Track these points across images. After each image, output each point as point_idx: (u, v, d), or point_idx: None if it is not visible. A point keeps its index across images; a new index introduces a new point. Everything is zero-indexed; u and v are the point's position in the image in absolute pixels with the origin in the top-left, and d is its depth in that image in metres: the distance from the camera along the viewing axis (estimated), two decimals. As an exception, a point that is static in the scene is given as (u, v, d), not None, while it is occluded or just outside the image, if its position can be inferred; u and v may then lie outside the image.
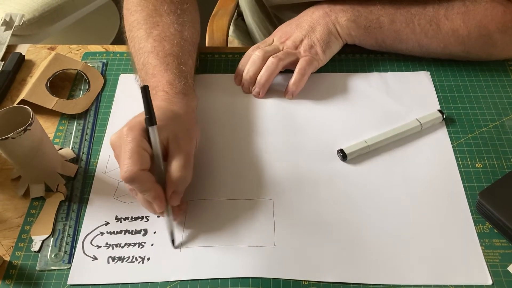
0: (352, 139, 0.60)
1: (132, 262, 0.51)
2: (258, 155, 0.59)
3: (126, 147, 0.48)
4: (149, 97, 0.48)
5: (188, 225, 0.54)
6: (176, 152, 0.50)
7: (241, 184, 0.57)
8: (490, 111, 0.63)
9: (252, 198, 0.56)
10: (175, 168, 0.50)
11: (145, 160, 0.48)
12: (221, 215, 0.54)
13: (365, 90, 0.66)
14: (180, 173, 0.49)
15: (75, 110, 0.65)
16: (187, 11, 0.65)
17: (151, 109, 0.48)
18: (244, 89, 0.67)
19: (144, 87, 0.47)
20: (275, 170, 0.58)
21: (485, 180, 0.57)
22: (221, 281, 0.49)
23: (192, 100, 0.58)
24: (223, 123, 0.63)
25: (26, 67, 0.72)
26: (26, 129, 0.51)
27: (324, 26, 0.66)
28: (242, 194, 0.56)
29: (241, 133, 0.62)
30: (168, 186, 0.50)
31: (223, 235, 0.52)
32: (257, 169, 0.58)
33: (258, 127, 0.63)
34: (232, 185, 0.57)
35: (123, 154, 0.48)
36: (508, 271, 0.50)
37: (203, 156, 0.59)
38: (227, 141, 0.61)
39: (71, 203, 0.56)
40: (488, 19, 0.63)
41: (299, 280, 0.49)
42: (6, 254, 0.53)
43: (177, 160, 0.50)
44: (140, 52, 0.61)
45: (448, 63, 0.69)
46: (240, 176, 0.58)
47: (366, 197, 0.56)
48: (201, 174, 0.58)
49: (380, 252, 0.51)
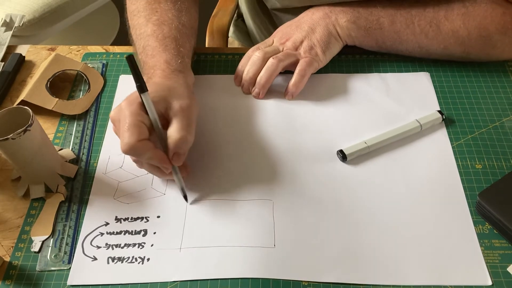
0: (352, 140, 0.60)
1: (132, 262, 0.51)
2: (258, 156, 0.60)
3: (125, 121, 0.50)
4: (135, 65, 0.49)
5: (188, 225, 0.54)
6: (175, 115, 0.52)
7: (241, 185, 0.57)
8: (490, 112, 0.63)
9: (252, 199, 0.56)
10: (174, 129, 0.52)
11: (143, 131, 0.50)
12: (221, 215, 0.54)
13: (365, 91, 0.66)
14: (180, 134, 0.51)
15: (75, 110, 0.65)
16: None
17: (139, 77, 0.49)
18: (244, 90, 0.67)
19: (128, 57, 0.48)
20: (275, 171, 0.58)
21: (484, 181, 0.57)
22: (221, 282, 0.49)
23: (187, 76, 0.60)
24: (223, 124, 0.63)
25: (26, 67, 0.72)
26: (26, 130, 0.51)
27: (324, 27, 0.66)
28: (242, 195, 0.56)
29: (241, 134, 0.62)
30: (169, 148, 0.52)
31: (223, 235, 0.52)
32: (257, 170, 0.58)
33: (257, 128, 0.63)
34: (232, 186, 0.57)
35: (122, 127, 0.50)
36: (507, 271, 0.50)
37: (203, 157, 0.59)
38: (226, 142, 0.61)
39: (71, 204, 0.56)
40: (488, 20, 0.63)
41: (299, 281, 0.49)
42: (6, 254, 0.53)
43: (176, 122, 0.52)
44: (140, 37, 0.63)
45: (448, 64, 0.69)
46: (240, 177, 0.58)
47: (366, 197, 0.56)
48: (200, 174, 0.58)
49: (379, 253, 0.51)
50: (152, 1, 0.66)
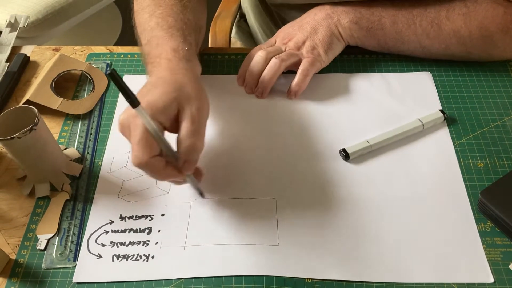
0: (354, 139, 0.60)
1: (136, 260, 0.52)
2: (261, 155, 0.60)
3: (135, 131, 0.47)
4: (119, 79, 0.44)
5: (192, 223, 0.54)
6: (184, 120, 0.49)
7: (244, 184, 0.57)
8: (491, 111, 0.64)
9: (256, 197, 0.56)
10: (184, 136, 0.48)
11: (154, 146, 0.48)
12: (225, 214, 0.55)
13: (367, 90, 0.67)
14: (189, 141, 0.48)
15: (79, 110, 0.66)
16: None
17: (127, 92, 0.44)
18: (247, 90, 0.67)
19: (110, 73, 0.43)
20: (278, 169, 0.59)
21: (486, 179, 0.57)
22: (225, 279, 0.50)
23: (195, 66, 0.57)
24: (226, 123, 0.64)
25: (31, 68, 0.73)
26: (32, 129, 0.52)
27: (326, 27, 0.66)
28: (245, 193, 0.56)
29: (244, 133, 0.63)
30: (179, 157, 0.49)
31: (227, 233, 0.53)
32: (260, 169, 0.59)
33: (260, 128, 0.63)
34: (236, 184, 0.57)
35: (133, 138, 0.47)
36: (509, 269, 0.50)
37: (206, 156, 0.60)
38: (230, 141, 0.62)
39: (76, 202, 0.57)
40: (489, 20, 0.63)
41: (302, 278, 0.50)
42: (12, 252, 0.53)
43: (185, 128, 0.49)
44: (144, 32, 0.61)
45: (450, 64, 0.69)
46: (244, 175, 0.58)
47: (368, 196, 0.56)
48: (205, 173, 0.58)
49: (382, 250, 0.52)
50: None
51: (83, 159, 0.61)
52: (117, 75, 0.43)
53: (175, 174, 0.50)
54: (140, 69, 0.71)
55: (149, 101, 0.48)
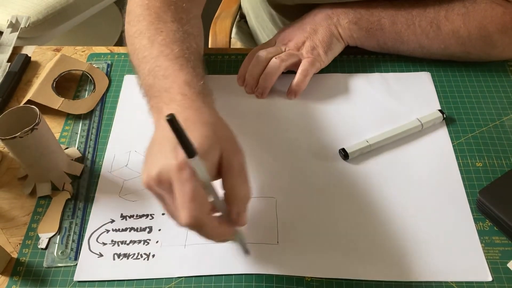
0: (354, 139, 0.61)
1: (137, 259, 0.52)
2: (261, 155, 0.60)
3: (184, 186, 0.40)
4: (179, 127, 0.38)
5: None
6: (229, 170, 0.43)
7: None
8: (490, 111, 0.64)
9: (256, 196, 0.56)
10: (237, 186, 0.43)
11: (207, 202, 0.42)
12: (225, 213, 0.55)
13: (367, 90, 0.67)
14: (243, 190, 0.44)
15: (80, 110, 0.66)
16: (191, 21, 0.61)
17: (184, 140, 0.39)
18: (247, 90, 0.67)
19: (170, 119, 0.37)
20: (277, 169, 0.59)
21: (485, 178, 0.57)
22: (225, 277, 0.50)
23: (213, 102, 0.50)
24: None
25: (32, 68, 0.73)
26: (33, 129, 0.52)
27: (326, 28, 0.67)
28: (245, 192, 0.57)
29: (244, 133, 0.62)
30: (231, 210, 0.44)
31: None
32: (260, 168, 0.59)
33: (260, 127, 0.63)
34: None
35: (181, 195, 0.40)
36: (508, 267, 0.50)
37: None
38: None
39: (77, 202, 0.57)
40: (488, 20, 0.64)
41: (302, 277, 0.50)
42: (13, 251, 0.53)
43: (236, 176, 0.43)
44: (144, 61, 0.53)
45: (449, 64, 0.70)
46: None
47: (367, 195, 0.56)
48: None
49: (381, 249, 0.52)
50: (156, 21, 0.57)
51: (84, 159, 0.61)
52: (176, 122, 0.37)
53: (228, 232, 0.45)
54: (140, 69, 0.71)
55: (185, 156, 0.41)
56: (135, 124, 0.65)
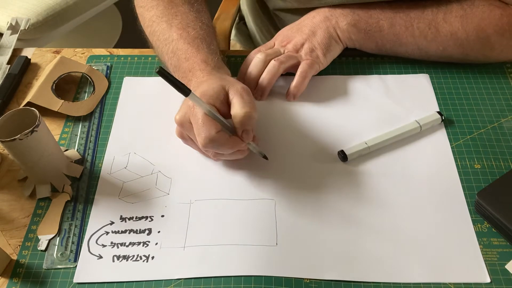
0: (353, 141, 0.61)
1: (136, 260, 0.52)
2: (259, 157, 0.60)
3: (195, 117, 0.52)
4: (169, 75, 0.49)
5: (192, 224, 0.55)
6: (234, 97, 0.54)
7: (243, 185, 0.58)
8: (488, 113, 0.64)
9: (255, 198, 0.57)
10: (238, 108, 0.53)
11: (216, 124, 0.52)
12: (224, 214, 0.55)
13: (365, 92, 0.67)
14: (244, 111, 0.53)
15: (80, 112, 0.66)
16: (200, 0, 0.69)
17: (177, 83, 0.50)
18: (246, 92, 0.68)
19: (159, 71, 0.48)
20: (277, 171, 0.59)
21: (483, 180, 0.58)
22: (224, 279, 0.50)
23: (227, 71, 0.62)
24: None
25: (32, 70, 0.73)
26: (33, 131, 0.52)
27: (324, 30, 0.67)
28: (244, 194, 0.57)
29: (243, 134, 0.63)
30: (237, 129, 0.54)
31: (226, 234, 0.53)
32: (259, 171, 0.59)
33: (260, 129, 0.64)
34: (235, 185, 0.58)
35: (195, 123, 0.52)
36: (506, 269, 0.51)
37: (206, 157, 0.60)
38: (229, 142, 0.62)
39: (76, 203, 0.57)
40: (486, 22, 0.64)
41: (301, 278, 0.50)
42: (13, 253, 0.54)
43: (237, 102, 0.54)
44: (167, 42, 0.63)
45: (447, 66, 0.70)
46: (243, 177, 0.59)
47: (366, 197, 0.57)
48: (204, 175, 0.59)
49: (380, 251, 0.52)
50: (170, 6, 0.66)
51: (84, 161, 0.61)
52: (165, 72, 0.49)
53: (239, 142, 0.54)
54: (140, 71, 0.72)
55: (200, 92, 0.54)
56: (135, 126, 0.65)
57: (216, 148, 0.54)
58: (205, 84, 0.56)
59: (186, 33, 0.63)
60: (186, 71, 0.60)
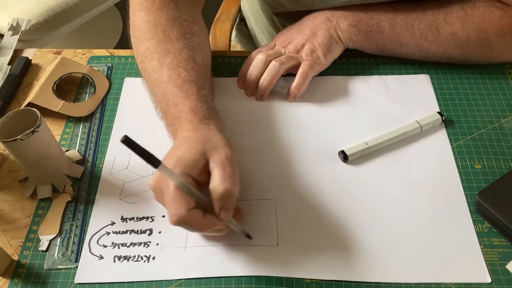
0: (353, 141, 0.61)
1: (137, 261, 0.52)
2: (260, 157, 0.61)
3: (167, 190, 0.47)
4: (135, 144, 0.43)
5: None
6: (215, 168, 0.48)
7: (244, 185, 0.58)
8: (489, 113, 0.64)
9: (255, 198, 0.57)
10: (217, 183, 0.47)
11: (189, 200, 0.47)
12: (224, 215, 0.55)
13: (366, 92, 0.67)
14: (223, 187, 0.47)
15: (81, 113, 0.66)
16: (196, 34, 0.64)
17: (145, 154, 0.44)
18: (247, 93, 0.68)
19: (123, 140, 0.42)
20: (277, 171, 0.59)
21: (484, 180, 0.58)
22: (225, 280, 0.50)
23: (218, 122, 0.56)
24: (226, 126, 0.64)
25: (33, 71, 0.73)
26: (34, 131, 0.53)
27: (325, 31, 0.67)
28: (245, 194, 0.57)
29: (243, 135, 0.63)
30: (214, 206, 0.48)
31: (227, 234, 0.53)
32: (260, 171, 0.59)
33: (260, 130, 0.64)
34: (236, 186, 0.58)
35: (166, 197, 0.47)
36: (506, 269, 0.51)
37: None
38: (230, 143, 0.62)
39: (77, 204, 0.57)
40: (487, 23, 0.64)
41: (302, 279, 0.50)
42: (14, 253, 0.54)
43: (217, 175, 0.48)
44: (156, 83, 0.59)
45: (448, 67, 0.70)
46: (244, 177, 0.59)
47: (367, 197, 0.57)
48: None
49: (381, 251, 0.52)
50: (164, 40, 0.61)
51: (85, 161, 0.61)
52: (131, 141, 0.42)
53: (215, 222, 0.48)
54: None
55: (177, 158, 0.48)
56: (135, 127, 0.65)
57: (188, 228, 0.48)
58: (184, 147, 0.50)
59: (177, 74, 0.58)
60: (174, 119, 0.55)
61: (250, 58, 0.68)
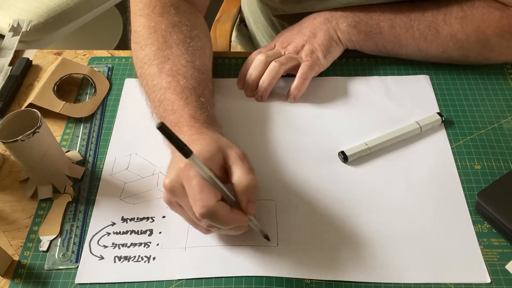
0: (353, 141, 0.61)
1: (138, 261, 0.52)
2: (260, 158, 0.61)
3: (192, 183, 0.46)
4: (170, 131, 0.42)
5: (193, 225, 0.55)
6: (235, 163, 0.48)
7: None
8: (488, 114, 0.65)
9: (255, 199, 0.57)
10: (240, 176, 0.48)
11: (216, 191, 0.46)
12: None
13: (366, 93, 0.68)
14: (247, 179, 0.47)
15: (81, 113, 0.66)
16: (196, 38, 0.64)
17: (179, 142, 0.43)
18: (247, 93, 0.68)
19: (160, 126, 0.41)
20: (277, 172, 0.59)
21: (483, 181, 0.58)
22: (225, 280, 0.50)
23: (218, 128, 0.56)
24: (226, 126, 0.64)
25: (33, 71, 0.73)
26: (35, 132, 0.53)
27: (325, 31, 0.67)
28: (245, 195, 0.57)
29: (244, 136, 0.63)
30: (240, 199, 0.48)
31: (227, 235, 0.53)
32: (260, 171, 0.59)
33: (260, 130, 0.64)
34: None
35: (192, 190, 0.46)
36: (506, 269, 0.51)
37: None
38: (230, 143, 0.62)
39: (78, 204, 0.57)
40: (486, 24, 0.64)
41: (302, 279, 0.50)
42: (15, 254, 0.54)
43: (239, 170, 0.48)
44: (155, 89, 0.59)
45: (447, 67, 0.70)
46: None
47: (366, 197, 0.57)
48: None
49: (380, 251, 0.52)
50: (163, 47, 0.61)
51: (85, 162, 0.62)
52: (167, 128, 0.42)
53: (241, 217, 0.48)
54: (141, 72, 0.72)
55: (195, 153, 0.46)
56: (136, 127, 0.65)
57: (215, 221, 0.46)
58: (198, 143, 0.49)
59: (176, 81, 0.57)
60: (172, 125, 0.54)
61: (250, 58, 0.68)
